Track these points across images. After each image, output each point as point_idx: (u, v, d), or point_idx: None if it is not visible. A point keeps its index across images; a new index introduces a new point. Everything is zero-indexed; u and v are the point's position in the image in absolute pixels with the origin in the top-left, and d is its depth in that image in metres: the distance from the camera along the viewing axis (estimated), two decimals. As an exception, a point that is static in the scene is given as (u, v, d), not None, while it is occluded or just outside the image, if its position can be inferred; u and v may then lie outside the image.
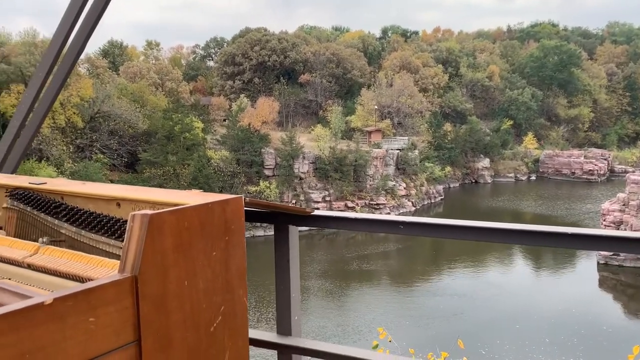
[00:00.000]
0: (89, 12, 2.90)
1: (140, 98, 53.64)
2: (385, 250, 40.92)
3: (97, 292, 1.36)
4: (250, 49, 65.50)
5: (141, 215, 1.46)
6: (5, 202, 2.28)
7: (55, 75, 3.05)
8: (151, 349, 1.47)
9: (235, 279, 1.75)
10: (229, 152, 50.25)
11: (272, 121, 57.38)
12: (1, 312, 1.18)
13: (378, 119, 60.23)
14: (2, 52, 53.31)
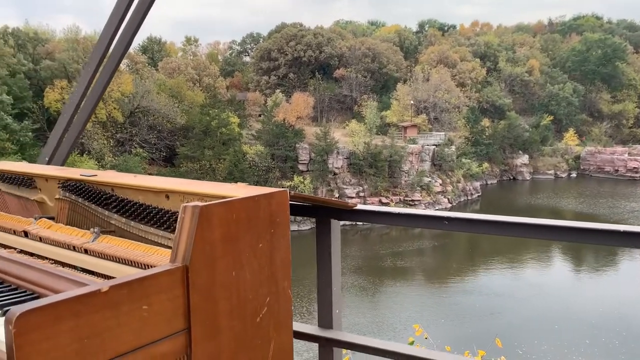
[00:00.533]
0: (136, 9, 2.97)
1: (178, 93, 54.54)
2: (420, 247, 40.56)
3: (150, 280, 1.40)
4: (285, 44, 65.73)
5: (192, 207, 1.50)
6: (57, 193, 2.36)
7: (103, 71, 3.14)
8: (200, 337, 1.51)
9: (280, 271, 1.78)
10: (264, 147, 50.65)
11: (306, 116, 57.52)
12: (62, 298, 1.23)
13: (414, 114, 59.63)
14: (47, 49, 55.03)
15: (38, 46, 55.07)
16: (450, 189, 52.60)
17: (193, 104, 54.62)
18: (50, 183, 2.40)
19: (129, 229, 2.06)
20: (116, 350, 1.33)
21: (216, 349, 1.56)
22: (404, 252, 39.09)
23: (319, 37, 67.06)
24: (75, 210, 2.29)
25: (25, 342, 1.16)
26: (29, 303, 1.20)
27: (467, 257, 38.79)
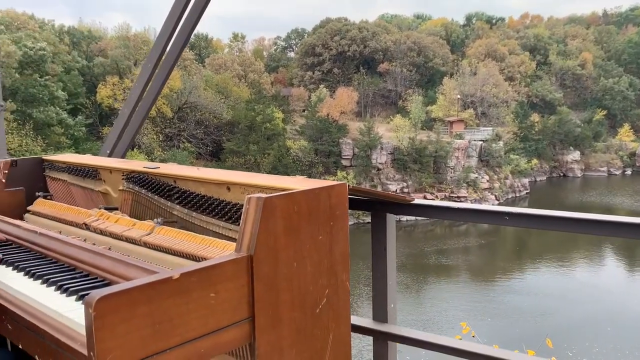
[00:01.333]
0: (193, 7, 3.04)
1: (225, 89, 55.44)
2: (465, 245, 39.87)
3: (217, 269, 1.44)
4: (330, 39, 65.71)
5: (256, 198, 1.53)
6: (121, 185, 2.46)
7: (161, 67, 3.23)
8: (263, 325, 1.54)
9: (339, 264, 1.79)
10: (308, 142, 50.87)
11: (350, 111, 57.37)
12: (136, 285, 1.29)
13: (460, 108, 58.55)
14: (100, 47, 56.96)
15: (91, 44, 57.08)
16: (497, 185, 51.43)
17: (239, 100, 55.40)
18: (114, 175, 2.50)
19: (191, 220, 2.12)
20: (185, 335, 1.37)
21: (278, 338, 1.59)
22: (448, 250, 38.52)
23: (364, 31, 66.70)
24: (139, 201, 2.38)
25: (104, 324, 1.22)
26: (107, 288, 1.26)
27: (514, 256, 37.87)
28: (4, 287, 1.70)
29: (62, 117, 44.91)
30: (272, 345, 1.58)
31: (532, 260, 35.54)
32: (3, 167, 2.78)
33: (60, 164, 2.85)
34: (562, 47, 72.68)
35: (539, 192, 54.70)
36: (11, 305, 1.59)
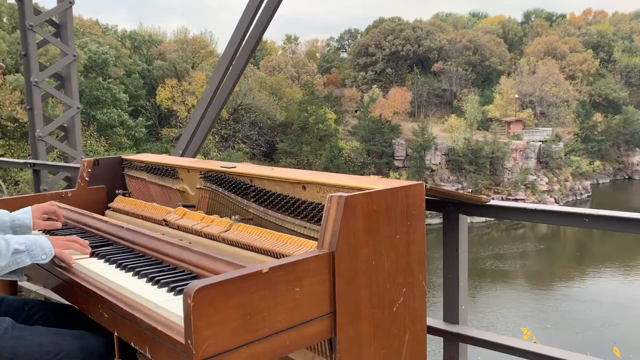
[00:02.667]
0: (262, 13, 3.13)
1: (278, 90, 56.18)
2: (523, 250, 38.68)
3: (302, 264, 1.49)
4: (383, 39, 65.35)
5: (338, 197, 1.57)
6: (198, 183, 2.56)
7: (231, 70, 3.34)
8: (344, 321, 1.58)
9: (416, 263, 1.81)
10: (360, 143, 50.82)
11: (403, 111, 56.88)
12: (229, 277, 1.36)
13: (518, 108, 56.90)
14: (159, 50, 58.93)
15: (151, 47, 59.15)
16: (557, 187, 49.65)
17: (292, 101, 56.02)
18: (192, 174, 2.61)
19: (266, 217, 2.19)
20: (273, 327, 1.43)
21: (357, 334, 1.63)
22: (505, 255, 37.46)
23: (418, 30, 65.95)
24: (215, 199, 2.47)
25: (202, 314, 1.29)
26: (204, 280, 1.33)
27: (575, 261, 36.41)
28: (99, 278, 1.82)
29: (124, 119, 46.79)
30: (352, 340, 1.62)
31: (594, 266, 34.06)
32: (87, 166, 2.96)
33: (138, 163, 3.00)
34: (628, 43, 69.25)
35: (602, 195, 52.35)
36: (107, 295, 1.70)
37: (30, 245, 1.90)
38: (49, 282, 2.12)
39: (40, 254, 1.92)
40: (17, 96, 37.18)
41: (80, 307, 1.89)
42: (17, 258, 1.86)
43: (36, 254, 1.91)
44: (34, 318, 2.15)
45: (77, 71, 12.01)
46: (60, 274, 1.98)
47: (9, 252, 1.83)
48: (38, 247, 1.92)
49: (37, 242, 1.93)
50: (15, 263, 1.86)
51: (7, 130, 38.03)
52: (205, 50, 62.24)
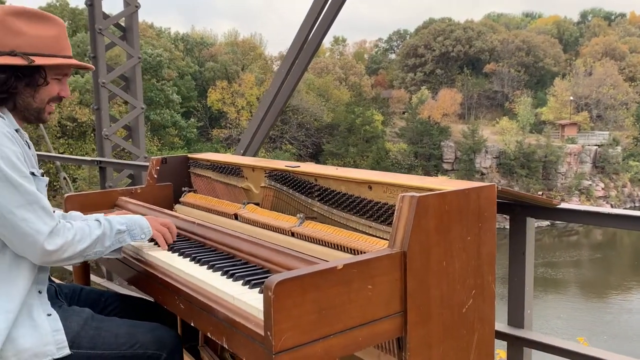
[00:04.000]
0: (324, 16, 3.18)
1: (326, 92, 56.41)
2: (578, 258, 37.29)
3: (375, 262, 1.51)
4: (433, 40, 64.54)
5: (410, 196, 1.58)
6: (263, 182, 2.62)
7: (292, 72, 3.40)
8: (414, 320, 1.59)
9: (486, 265, 1.80)
10: (407, 145, 50.39)
11: (453, 113, 56.00)
12: (306, 272, 1.39)
13: (573, 111, 54.96)
14: (211, 52, 60.25)
15: (203, 50, 60.58)
16: (614, 194, 47.68)
17: (339, 103, 56.12)
18: (256, 172, 2.68)
19: (331, 216, 2.22)
20: (347, 323, 1.46)
21: (427, 333, 1.64)
22: (558, 263, 36.18)
23: (469, 31, 64.78)
24: (279, 198, 2.53)
25: (281, 307, 1.33)
26: (283, 274, 1.38)
27: (633, 271, 34.82)
28: (175, 270, 1.90)
29: (176, 120, 48.09)
30: (422, 340, 1.62)
31: (655, 277, 32.48)
32: (155, 164, 3.08)
33: (204, 161, 3.10)
34: (695, 42, 65.70)
35: (663, 203, 49.83)
36: (184, 287, 1.77)
37: (131, 225, 2.01)
38: (124, 273, 2.23)
39: (139, 234, 2.04)
40: (76, 97, 38.83)
41: (156, 298, 1.97)
42: (119, 237, 1.97)
43: (136, 233, 2.02)
44: (109, 309, 2.25)
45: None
46: (137, 266, 2.08)
47: (112, 232, 1.94)
48: (138, 227, 2.04)
49: (137, 222, 2.05)
50: (118, 242, 1.97)
51: (67, 129, 39.74)
52: (255, 53, 63.24)
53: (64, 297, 2.14)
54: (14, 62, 1.80)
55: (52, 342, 1.80)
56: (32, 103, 1.91)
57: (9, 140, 1.75)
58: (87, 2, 4.60)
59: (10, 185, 1.71)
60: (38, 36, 1.86)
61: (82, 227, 1.87)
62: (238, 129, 52.41)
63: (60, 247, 1.78)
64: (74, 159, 6.64)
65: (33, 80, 1.87)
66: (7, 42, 1.81)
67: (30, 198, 1.74)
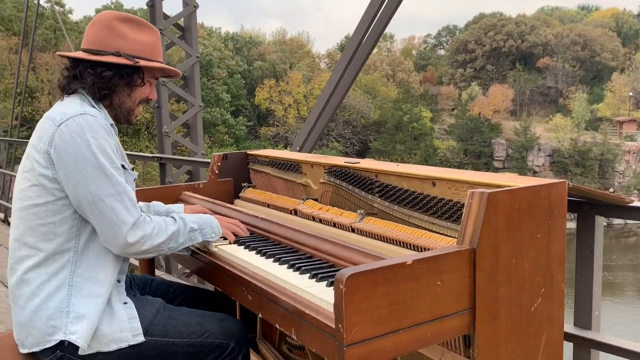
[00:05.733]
0: (382, 14, 3.17)
1: (373, 89, 56.13)
2: (635, 262, 35.65)
3: (444, 259, 1.51)
4: (483, 35, 63.12)
5: (480, 193, 1.57)
6: (322, 178, 2.65)
7: (349, 69, 3.41)
8: (483, 318, 1.58)
9: (555, 264, 1.76)
10: (457, 142, 49.52)
11: (504, 110, 54.61)
12: (377, 267, 1.41)
13: (632, 107, 52.56)
14: (259, 51, 61.04)
15: (252, 49, 61.46)
16: (677, 193, 45.32)
17: (386, 99, 55.75)
18: (315, 169, 2.71)
19: (392, 212, 2.22)
20: (416, 318, 1.46)
21: (495, 331, 1.62)
22: (615, 266, 34.69)
23: (521, 25, 62.99)
24: (339, 194, 2.55)
25: (352, 300, 1.35)
26: (353, 267, 1.39)
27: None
28: (243, 263, 1.95)
29: (226, 118, 49.03)
30: (490, 337, 1.61)
31: None
32: (217, 160, 3.17)
33: (263, 158, 3.15)
34: None
35: None
36: (252, 278, 1.82)
37: (202, 224, 2.10)
38: (192, 265, 2.30)
39: (210, 233, 2.12)
40: (131, 96, 40.13)
41: (224, 289, 2.03)
42: (192, 235, 2.06)
43: (207, 232, 2.10)
44: (178, 300, 2.34)
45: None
46: (204, 258, 2.15)
47: (186, 230, 2.03)
48: (208, 226, 2.12)
49: (207, 222, 2.13)
50: (190, 240, 2.06)
51: (122, 127, 41.19)
52: (302, 51, 63.63)
53: (136, 288, 2.24)
54: (119, 61, 1.94)
55: (128, 329, 1.89)
56: (127, 102, 2.04)
57: (106, 133, 1.87)
58: (149, 3, 4.77)
59: (104, 175, 1.81)
60: (139, 41, 1.99)
61: (159, 222, 1.96)
62: (285, 126, 52.90)
63: (140, 239, 1.87)
64: (135, 155, 6.90)
65: (132, 81, 2.00)
66: (113, 44, 1.95)
67: (119, 188, 1.84)
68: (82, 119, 1.84)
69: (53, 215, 1.84)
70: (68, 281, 1.85)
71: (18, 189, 1.91)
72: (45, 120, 1.90)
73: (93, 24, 2.01)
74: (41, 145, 1.84)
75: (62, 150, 1.80)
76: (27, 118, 35.11)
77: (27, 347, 1.86)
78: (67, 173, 1.81)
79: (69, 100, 1.95)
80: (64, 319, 1.82)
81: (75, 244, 1.87)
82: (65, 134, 1.81)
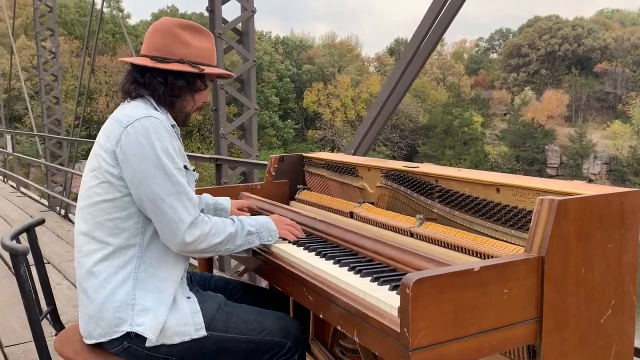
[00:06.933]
0: (442, 16, 3.14)
1: (422, 93, 55.53)
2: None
3: (511, 266, 1.48)
4: (538, 38, 61.37)
5: (549, 200, 1.54)
6: (379, 182, 2.65)
7: (406, 73, 3.40)
8: (550, 328, 1.54)
9: (627, 275, 1.70)
10: (508, 148, 48.34)
11: (559, 116, 52.91)
12: (444, 272, 1.40)
13: (699, 114, 49.83)
14: (308, 55, 61.50)
15: (301, 52, 62.01)
16: None
17: (436, 103, 55.03)
18: (372, 172, 2.71)
19: (452, 218, 2.19)
20: (481, 326, 1.44)
21: (562, 342, 1.58)
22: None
23: (578, 28, 60.87)
24: (396, 198, 2.54)
25: (419, 305, 1.34)
26: (420, 272, 1.39)
27: None
28: (303, 263, 1.97)
29: (274, 121, 49.66)
30: (557, 348, 1.57)
31: None
32: (274, 162, 3.22)
33: (318, 160, 3.18)
34: None
35: None
36: (313, 279, 1.84)
37: (260, 228, 2.14)
38: (251, 264, 2.35)
39: (267, 236, 2.16)
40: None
41: (284, 289, 2.07)
42: (249, 239, 2.10)
43: (264, 235, 2.15)
44: (236, 297, 2.39)
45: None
46: (264, 257, 2.18)
47: (243, 232, 2.08)
48: (265, 230, 2.16)
49: (265, 225, 2.17)
50: (247, 243, 2.10)
51: (175, 128, 42.36)
52: (351, 54, 63.66)
53: (196, 284, 2.31)
54: (184, 69, 2.01)
55: (191, 322, 1.95)
56: (188, 107, 2.12)
57: (168, 134, 1.94)
58: (208, 8, 4.90)
59: (165, 174, 1.88)
60: (200, 47, 2.06)
61: (217, 223, 2.01)
62: (332, 129, 53.04)
63: (197, 238, 1.93)
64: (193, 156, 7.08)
65: (195, 86, 2.08)
66: (176, 51, 2.03)
67: (179, 188, 1.91)
68: (148, 121, 1.91)
69: (120, 211, 1.92)
70: (133, 275, 1.93)
71: (86, 186, 1.99)
72: (112, 122, 1.98)
73: (155, 30, 2.08)
74: (108, 145, 1.93)
75: (127, 151, 1.88)
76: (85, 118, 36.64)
77: (95, 338, 1.95)
78: (131, 172, 1.88)
79: (134, 104, 2.03)
80: (130, 311, 1.89)
81: (141, 239, 1.95)
82: (131, 135, 1.89)
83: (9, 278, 5.67)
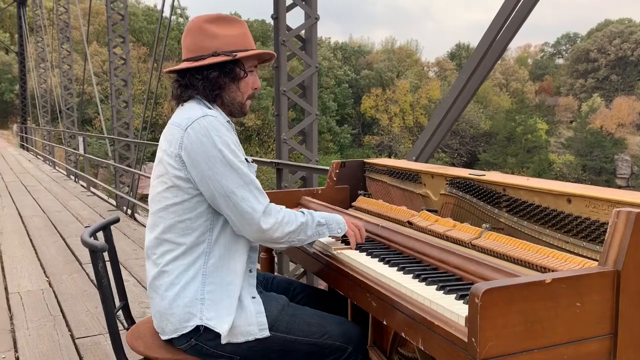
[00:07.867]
0: (512, 20, 3.08)
1: (484, 98, 54.25)
2: None
3: (585, 280, 1.44)
4: (608, 43, 58.64)
5: (627, 212, 1.48)
6: (443, 189, 2.62)
7: (472, 79, 3.34)
8: (626, 344, 1.48)
9: None
10: (574, 157, 46.36)
11: (630, 124, 50.25)
12: (514, 283, 1.38)
13: None
14: (367, 60, 61.44)
15: (360, 58, 62.02)
16: None
17: (498, 110, 53.60)
18: (436, 179, 2.68)
19: (520, 228, 2.14)
20: (552, 339, 1.41)
21: (638, 358, 1.51)
22: None
23: (654, 32, 57.62)
24: (461, 206, 2.50)
25: (487, 315, 1.33)
26: (489, 282, 1.37)
27: None
28: (366, 269, 1.98)
29: (331, 126, 49.87)
30: (633, 366, 1.50)
31: None
32: (335, 167, 3.25)
33: (380, 167, 3.18)
34: None
35: None
36: (377, 285, 1.84)
37: (329, 220, 2.18)
38: (312, 266, 2.38)
39: (336, 228, 2.19)
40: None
41: (346, 293, 2.08)
42: (319, 230, 2.14)
43: (333, 227, 2.18)
44: (297, 298, 2.43)
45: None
46: (326, 261, 2.21)
47: (314, 223, 2.12)
48: (334, 222, 2.19)
49: (334, 218, 2.21)
50: (317, 234, 2.14)
51: (235, 132, 43.38)
52: (411, 59, 63.07)
53: (259, 284, 2.36)
54: (219, 60, 2.07)
55: (255, 323, 2.00)
56: (237, 96, 2.17)
57: (226, 130, 2.01)
58: (273, 15, 5.01)
59: (231, 168, 1.95)
60: (230, 35, 2.11)
61: (289, 212, 2.06)
62: (389, 135, 52.67)
63: (272, 225, 1.98)
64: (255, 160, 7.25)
65: (235, 74, 2.13)
66: (209, 45, 2.09)
67: (247, 179, 1.97)
68: (205, 120, 1.98)
69: (190, 212, 2.00)
70: (202, 270, 1.99)
71: (154, 192, 2.08)
72: (171, 127, 2.06)
73: (187, 33, 2.16)
74: (172, 149, 2.00)
75: (191, 152, 1.96)
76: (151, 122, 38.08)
77: (167, 334, 2.03)
78: (199, 172, 1.95)
79: (188, 106, 2.11)
80: (199, 305, 1.96)
81: (210, 235, 2.02)
82: (192, 136, 1.96)
83: (79, 273, 5.98)
